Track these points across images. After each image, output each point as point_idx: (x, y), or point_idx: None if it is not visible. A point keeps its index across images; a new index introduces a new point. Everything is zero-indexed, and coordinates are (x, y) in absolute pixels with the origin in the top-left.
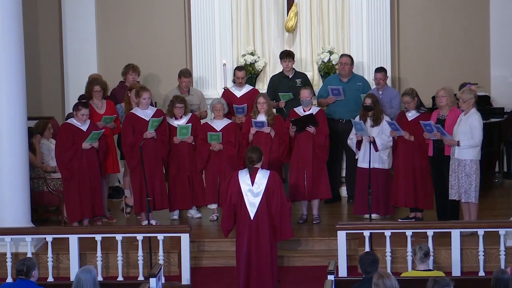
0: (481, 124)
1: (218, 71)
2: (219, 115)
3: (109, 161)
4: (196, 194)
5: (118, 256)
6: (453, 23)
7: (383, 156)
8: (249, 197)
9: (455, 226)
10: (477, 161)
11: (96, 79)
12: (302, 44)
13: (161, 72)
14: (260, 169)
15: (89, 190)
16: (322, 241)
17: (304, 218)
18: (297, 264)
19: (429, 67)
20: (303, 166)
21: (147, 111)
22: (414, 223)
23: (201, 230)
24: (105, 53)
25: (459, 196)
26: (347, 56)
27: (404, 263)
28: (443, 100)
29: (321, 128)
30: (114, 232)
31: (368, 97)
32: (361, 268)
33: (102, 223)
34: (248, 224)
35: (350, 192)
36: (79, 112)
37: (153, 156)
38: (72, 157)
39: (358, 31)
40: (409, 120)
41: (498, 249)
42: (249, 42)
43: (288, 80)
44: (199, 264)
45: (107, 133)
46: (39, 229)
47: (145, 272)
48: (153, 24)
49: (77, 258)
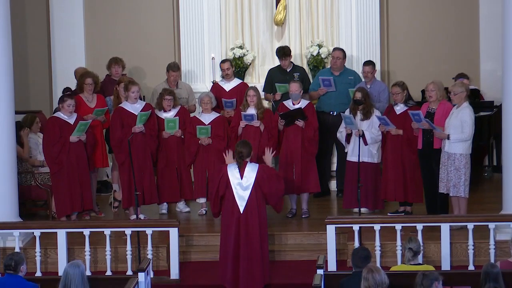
0: (472, 118)
1: (206, 65)
2: (207, 109)
3: (98, 154)
4: (184, 187)
5: (107, 250)
6: (443, 16)
7: (373, 150)
8: (238, 190)
9: (445, 220)
10: (467, 155)
11: (88, 72)
12: (291, 38)
13: (149, 65)
14: (249, 163)
15: (78, 184)
16: (311, 235)
17: (293, 212)
18: (286, 258)
19: (418, 61)
20: (292, 160)
21: (135, 105)
22: (403, 217)
23: (190, 224)
24: (93, 47)
25: (447, 189)
26: (339, 50)
27: (394, 257)
28: (432, 94)
29: (310, 122)
30: (103, 226)
31: (358, 91)
32: (353, 262)
33: (91, 217)
34: (236, 217)
35: (340, 186)
36: (65, 103)
37: (142, 151)
38: (60, 150)
39: (347, 24)
40: (398, 114)
41: (488, 243)
42: (237, 36)
43: (285, 73)
44: (187, 259)
45: (95, 125)
46: (27, 224)
47: (133, 266)
48: (142, 17)
49: (65, 252)
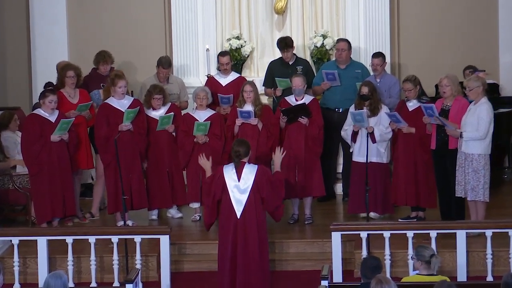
0: (489, 115)
1: (200, 57)
2: (202, 105)
3: (82, 155)
4: (177, 192)
5: (91, 260)
6: (459, 3)
7: (381, 149)
8: (235, 193)
9: (461, 226)
10: (486, 156)
11: (69, 65)
12: (293, 28)
13: (139, 58)
14: (247, 164)
15: (59, 187)
16: (315, 243)
17: (295, 218)
18: (287, 268)
19: (432, 52)
20: (295, 160)
21: (122, 101)
22: (415, 223)
23: (182, 231)
24: (77, 39)
25: (465, 193)
26: (344, 41)
27: (405, 267)
28: (447, 90)
29: (314, 119)
30: (87, 233)
31: (364, 86)
32: (361, 272)
33: (74, 223)
34: (233, 223)
35: (347, 189)
36: (46, 99)
37: (130, 150)
38: (40, 150)
39: (354, 13)
40: (410, 111)
41: (508, 252)
42: (234, 25)
43: (288, 67)
44: (180, 269)
45: (79, 123)
46: (4, 231)
47: (120, 277)
48: (130, 6)
49: (46, 262)
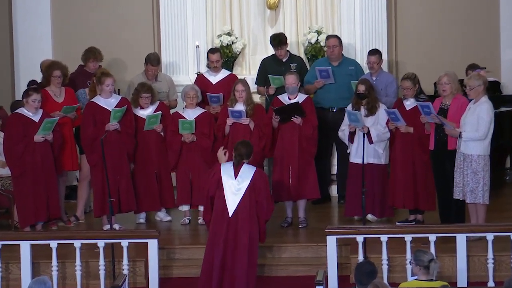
0: (490, 115)
1: (190, 54)
2: (192, 104)
3: (67, 156)
4: (165, 194)
5: (76, 265)
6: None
7: (378, 149)
8: (230, 191)
9: (461, 230)
10: (486, 157)
11: (56, 63)
12: (286, 23)
13: (126, 56)
14: (246, 164)
15: (43, 190)
16: (309, 248)
17: (288, 221)
18: (280, 274)
19: (430, 49)
20: (288, 161)
21: (110, 100)
22: (414, 226)
23: (171, 235)
24: (61, 35)
25: (463, 195)
26: (334, 37)
27: (403, 273)
28: (446, 88)
29: (308, 119)
30: (72, 238)
31: (361, 83)
32: (356, 278)
33: (58, 227)
34: (226, 221)
35: (342, 192)
36: (29, 98)
37: (117, 151)
38: (23, 151)
39: (349, 8)
40: (407, 110)
41: (510, 256)
42: (225, 21)
43: (281, 64)
44: (169, 274)
45: (64, 123)
46: None
47: (107, 283)
48: (116, 1)
49: (29, 267)
